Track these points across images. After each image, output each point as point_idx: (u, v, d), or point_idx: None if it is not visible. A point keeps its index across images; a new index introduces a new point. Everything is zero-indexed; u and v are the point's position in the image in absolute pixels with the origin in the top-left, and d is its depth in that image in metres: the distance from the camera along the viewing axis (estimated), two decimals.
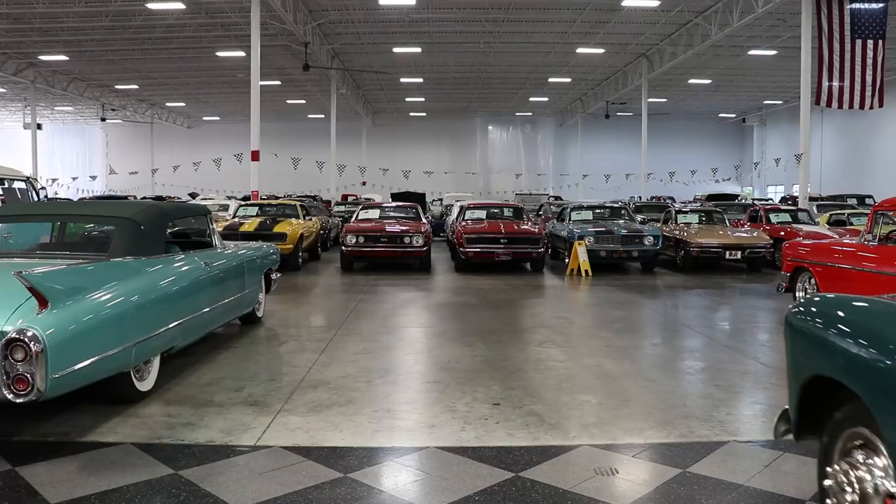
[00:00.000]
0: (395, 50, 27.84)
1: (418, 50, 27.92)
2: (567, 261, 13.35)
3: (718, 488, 3.41)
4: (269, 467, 3.66)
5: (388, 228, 13.58)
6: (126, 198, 27.09)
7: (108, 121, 41.65)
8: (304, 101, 39.60)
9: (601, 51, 28.65)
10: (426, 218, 16.54)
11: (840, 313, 2.71)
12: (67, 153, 48.37)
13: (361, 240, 13.21)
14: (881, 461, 2.29)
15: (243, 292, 6.75)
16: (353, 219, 15.39)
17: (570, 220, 14.86)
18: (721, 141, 47.73)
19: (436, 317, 8.63)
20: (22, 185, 9.83)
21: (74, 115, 45.78)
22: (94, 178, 41.23)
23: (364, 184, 40.17)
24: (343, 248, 13.39)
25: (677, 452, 3.88)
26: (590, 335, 7.40)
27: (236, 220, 14.65)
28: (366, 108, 42.28)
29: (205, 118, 47.04)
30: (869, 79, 15.89)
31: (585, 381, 5.47)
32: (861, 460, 2.38)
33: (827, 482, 2.55)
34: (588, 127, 45.00)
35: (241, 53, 25.67)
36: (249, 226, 13.63)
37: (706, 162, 42.80)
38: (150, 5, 21.77)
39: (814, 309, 2.86)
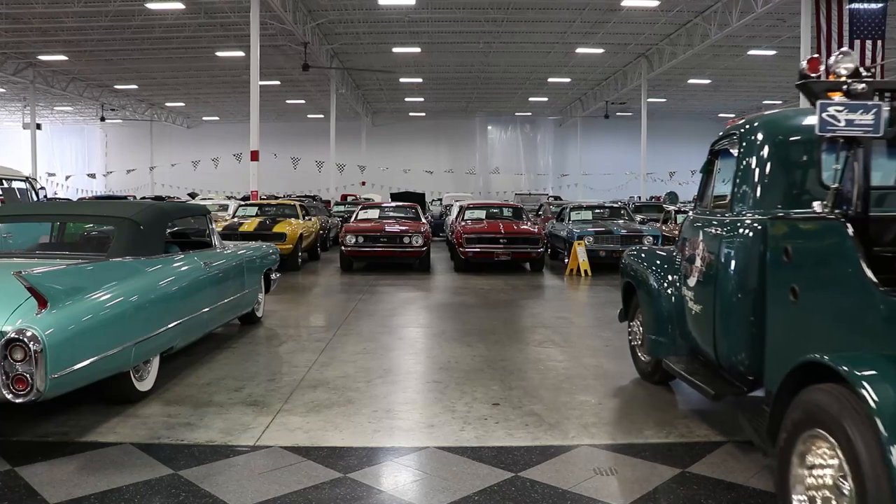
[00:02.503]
0: (395, 50, 27.83)
1: (418, 50, 27.91)
2: (566, 261, 13.36)
3: (718, 488, 3.41)
4: (269, 467, 3.66)
5: (388, 228, 13.58)
6: (125, 198, 27.11)
7: (107, 121, 41.61)
8: (303, 101, 39.58)
9: (601, 51, 28.65)
10: (425, 218, 16.55)
11: (639, 253, 5.59)
12: (67, 153, 48.32)
13: (361, 240, 13.21)
14: (643, 317, 5.23)
15: (243, 292, 6.75)
16: (352, 219, 15.39)
17: (569, 220, 14.87)
18: None
19: (435, 317, 8.63)
20: (21, 185, 9.83)
21: (74, 115, 45.74)
22: (92, 175, 41.29)
23: (363, 184, 40.21)
24: (342, 248, 13.40)
25: (677, 452, 3.89)
26: (589, 335, 7.40)
27: (236, 220, 14.64)
28: (365, 108, 42.27)
29: (204, 118, 47.01)
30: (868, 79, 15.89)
31: (585, 381, 5.47)
32: (640, 321, 5.34)
33: (629, 329, 5.69)
34: (587, 127, 45.00)
35: (241, 53, 25.66)
36: (249, 226, 13.62)
37: None
38: (150, 5, 21.76)
39: (633, 252, 5.75)
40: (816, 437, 2.61)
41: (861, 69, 3.11)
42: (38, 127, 34.36)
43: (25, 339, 3.47)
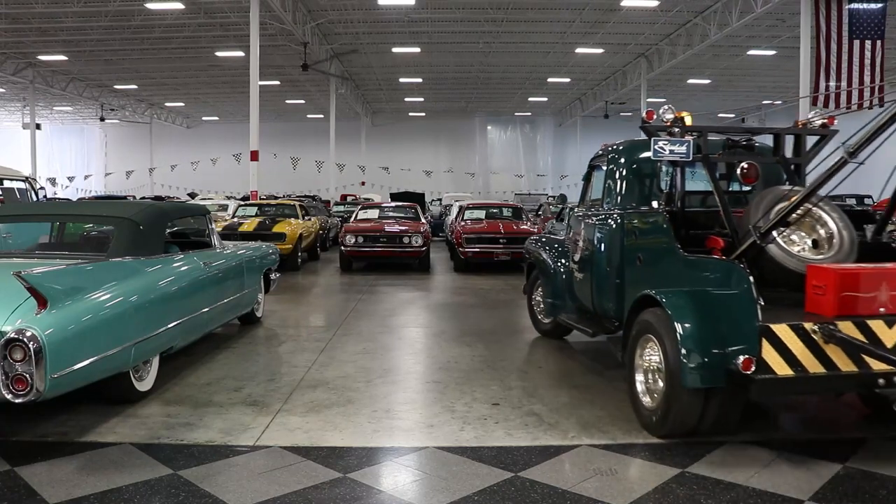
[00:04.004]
0: (395, 50, 27.81)
1: (417, 50, 27.89)
2: None
3: (717, 488, 3.42)
4: (269, 467, 3.66)
5: (388, 228, 13.59)
6: (125, 198, 27.09)
7: (107, 121, 41.54)
8: (303, 101, 39.54)
9: (600, 51, 28.63)
10: (425, 218, 16.55)
11: (539, 238, 7.58)
12: (66, 153, 48.25)
13: (360, 240, 13.22)
14: (541, 287, 7.10)
15: (242, 292, 6.75)
16: (352, 219, 15.39)
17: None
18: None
19: (435, 317, 8.63)
20: (21, 185, 9.83)
21: (73, 115, 45.67)
22: (87, 177, 41.27)
23: (363, 184, 40.17)
24: (342, 248, 13.40)
25: (676, 452, 3.89)
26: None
27: (235, 220, 14.64)
28: (365, 108, 42.24)
29: (204, 118, 46.96)
30: (868, 79, 15.87)
31: (585, 381, 5.47)
32: (541, 292, 7.04)
33: (532, 300, 7.35)
34: (587, 127, 44.94)
35: (241, 53, 25.65)
36: (248, 226, 13.62)
37: None
38: (149, 5, 21.74)
39: (534, 238, 7.78)
40: (648, 339, 4.29)
41: (678, 118, 4.70)
42: (38, 127, 34.31)
43: (25, 339, 3.47)
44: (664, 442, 4.06)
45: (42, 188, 14.99)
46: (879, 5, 15.85)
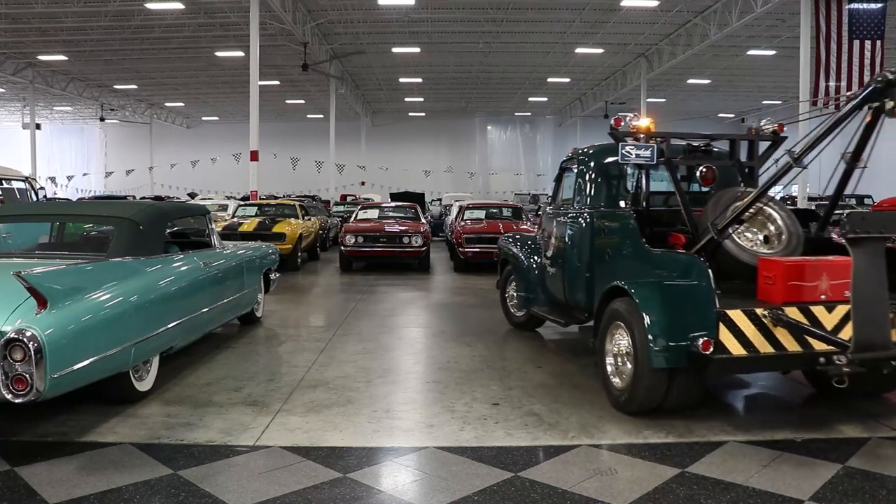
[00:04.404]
0: (395, 50, 27.83)
1: (417, 50, 27.90)
2: None
3: (717, 488, 3.42)
4: (269, 467, 3.66)
5: (387, 228, 13.59)
6: (125, 198, 27.09)
7: (106, 121, 41.55)
8: (303, 101, 39.55)
9: (600, 51, 28.64)
10: (425, 218, 16.55)
11: (512, 237, 7.85)
12: (66, 153, 48.27)
13: (360, 240, 13.22)
14: (514, 282, 7.50)
15: (242, 292, 6.75)
16: (352, 219, 15.40)
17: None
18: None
19: (435, 317, 8.63)
20: (21, 185, 9.83)
21: (73, 115, 45.69)
22: (85, 175, 41.27)
23: (363, 184, 40.18)
24: (342, 248, 13.40)
25: (676, 452, 3.89)
26: (589, 335, 7.39)
27: (235, 220, 14.64)
28: (365, 108, 42.24)
29: (204, 118, 46.97)
30: (867, 79, 15.85)
31: (584, 381, 5.47)
32: (514, 286, 7.44)
33: (506, 294, 7.74)
34: (587, 127, 44.93)
35: (241, 53, 25.67)
36: (248, 226, 13.62)
37: None
38: (149, 5, 21.75)
39: (507, 235, 8.07)
40: (617, 326, 4.65)
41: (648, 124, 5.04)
42: (38, 127, 34.31)
43: (25, 339, 3.47)
44: (664, 442, 4.06)
45: (42, 188, 14.99)
46: (879, 5, 15.84)
